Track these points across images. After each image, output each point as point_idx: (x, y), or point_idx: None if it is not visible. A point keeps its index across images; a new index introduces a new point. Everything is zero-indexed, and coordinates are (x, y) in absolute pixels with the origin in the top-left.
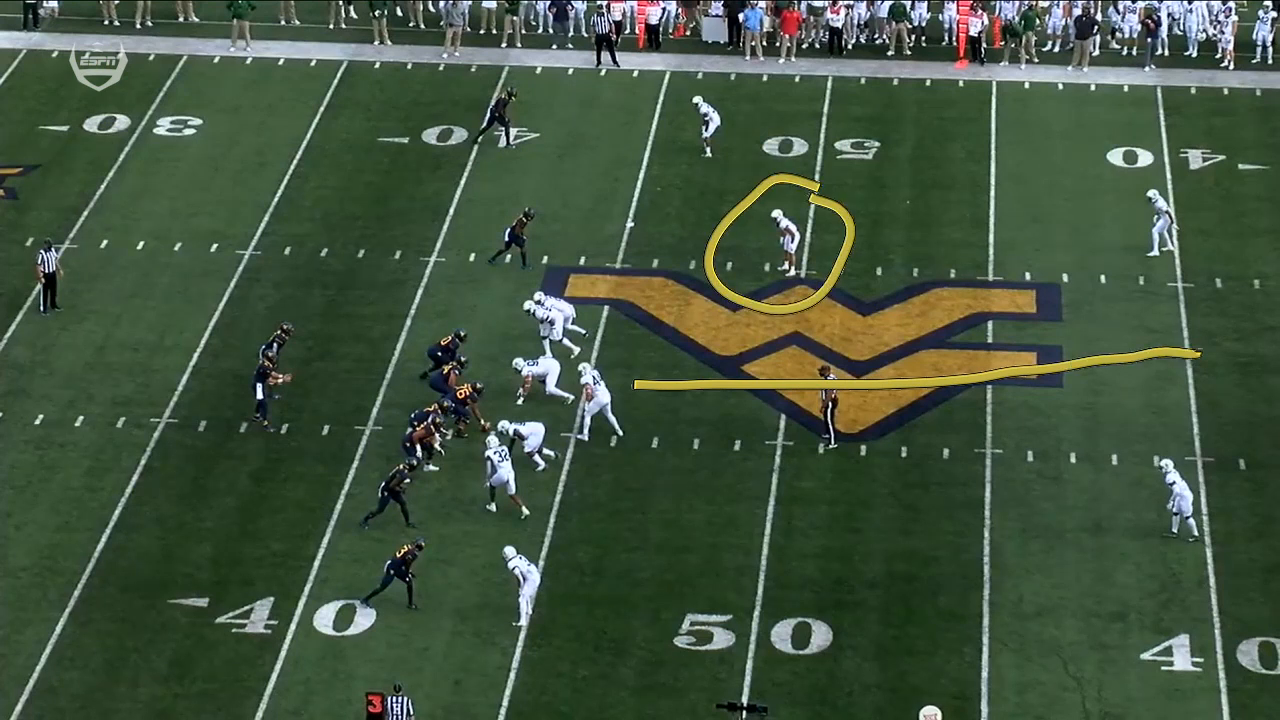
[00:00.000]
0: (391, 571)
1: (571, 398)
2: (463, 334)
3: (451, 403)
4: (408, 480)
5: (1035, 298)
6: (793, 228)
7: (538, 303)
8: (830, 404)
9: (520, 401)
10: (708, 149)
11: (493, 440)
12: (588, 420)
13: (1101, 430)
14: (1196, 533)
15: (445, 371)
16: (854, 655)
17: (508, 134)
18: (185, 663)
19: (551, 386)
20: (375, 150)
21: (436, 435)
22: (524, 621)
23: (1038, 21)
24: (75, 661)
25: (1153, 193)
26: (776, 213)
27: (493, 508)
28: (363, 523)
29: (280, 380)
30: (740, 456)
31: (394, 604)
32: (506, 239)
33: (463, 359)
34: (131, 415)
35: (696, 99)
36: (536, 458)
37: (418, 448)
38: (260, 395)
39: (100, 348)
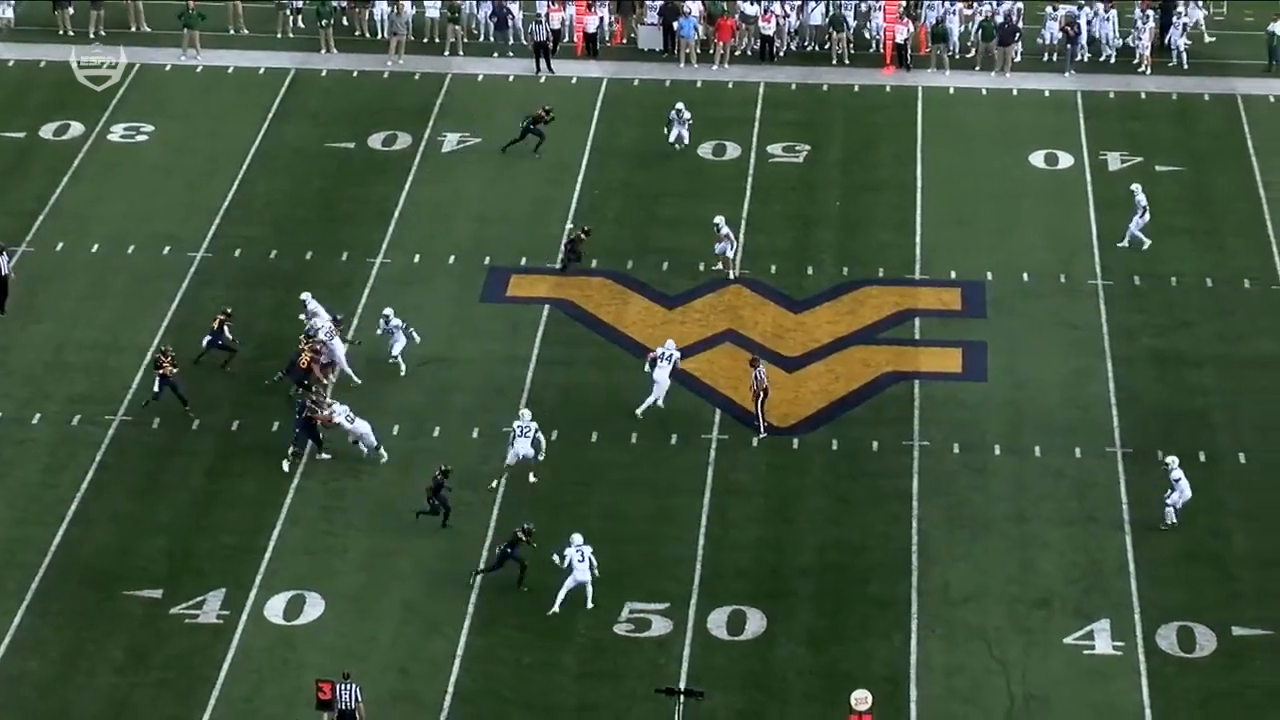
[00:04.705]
0: (508, 550)
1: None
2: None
3: (296, 381)
4: (321, 412)
5: (960, 295)
6: (732, 235)
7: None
8: (761, 394)
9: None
10: (678, 145)
11: (525, 414)
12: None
13: (1025, 423)
14: (1171, 521)
15: (304, 363)
16: (787, 641)
17: (538, 143)
18: (141, 652)
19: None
20: (323, 155)
21: (321, 410)
22: (556, 609)
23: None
24: (35, 652)
25: (1135, 187)
26: (719, 219)
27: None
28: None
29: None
30: (677, 450)
31: (342, 594)
32: (563, 254)
33: (338, 315)
34: (87, 413)
35: (679, 105)
36: (381, 450)
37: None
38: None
39: (57, 347)
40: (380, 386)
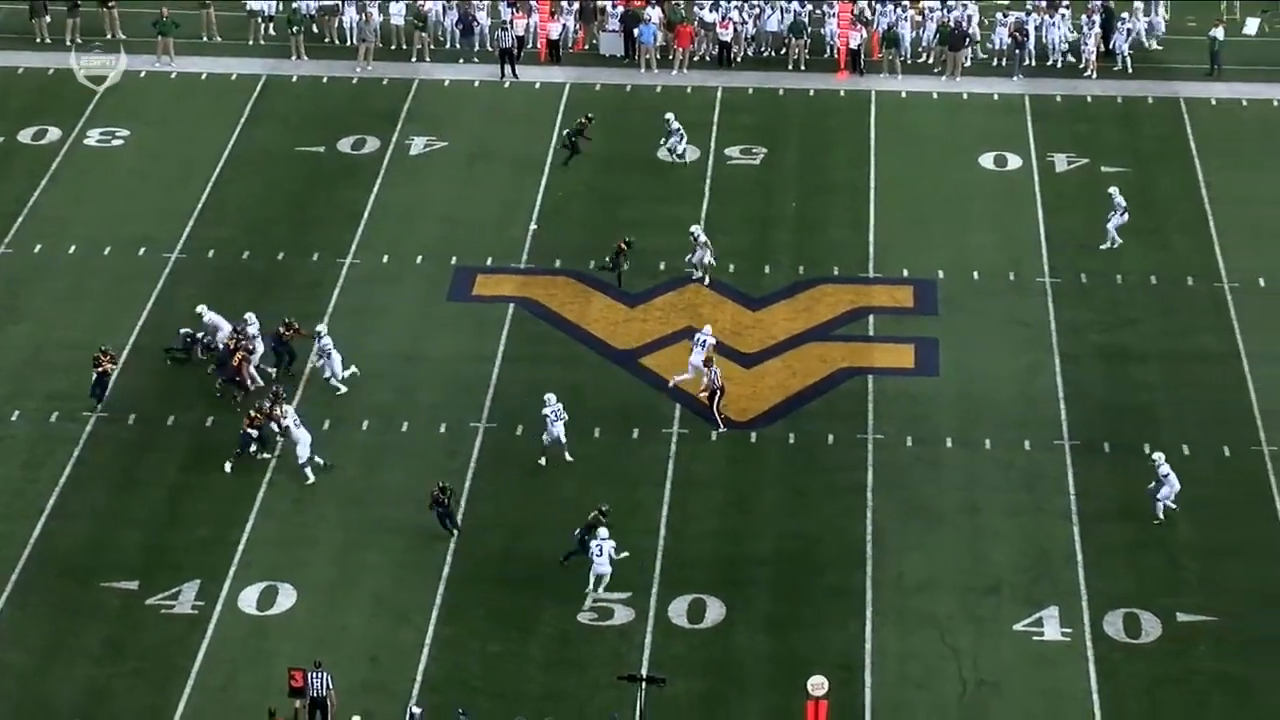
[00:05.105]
0: (584, 537)
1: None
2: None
3: (227, 377)
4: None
5: (913, 293)
6: (710, 244)
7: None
8: (716, 392)
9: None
10: (682, 159)
11: (550, 398)
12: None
13: (976, 417)
14: (1162, 516)
15: (235, 361)
16: (746, 629)
17: (571, 155)
18: (118, 643)
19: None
20: (294, 159)
21: (278, 411)
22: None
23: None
24: (15, 643)
25: (1113, 189)
26: (695, 228)
27: (543, 461)
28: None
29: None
30: (639, 444)
31: (314, 585)
32: (611, 262)
33: (287, 319)
34: (65, 410)
35: (669, 115)
36: (307, 470)
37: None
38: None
39: (36, 346)
40: (350, 384)
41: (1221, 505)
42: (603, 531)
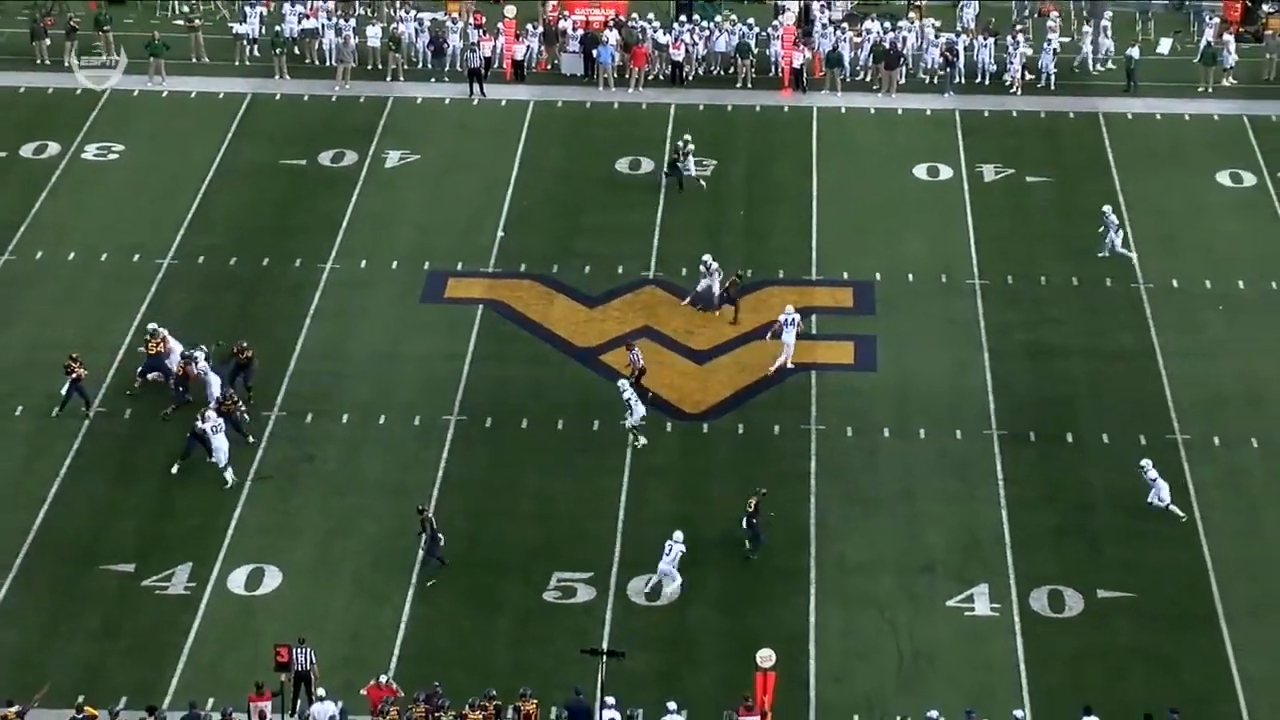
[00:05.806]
0: (753, 521)
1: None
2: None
3: (177, 383)
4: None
5: (853, 294)
6: (719, 270)
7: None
8: (638, 373)
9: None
10: (700, 180)
11: (624, 383)
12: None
13: (911, 409)
14: (1183, 514)
15: (181, 370)
16: (700, 606)
17: (681, 180)
18: (114, 622)
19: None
20: (277, 171)
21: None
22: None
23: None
24: (16, 622)
25: (1106, 208)
26: (707, 256)
27: (641, 441)
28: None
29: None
30: (599, 435)
31: (298, 568)
32: (719, 297)
33: (246, 342)
34: (64, 406)
35: (686, 136)
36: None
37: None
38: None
39: (37, 346)
40: (331, 380)
41: (1138, 491)
42: (678, 534)
